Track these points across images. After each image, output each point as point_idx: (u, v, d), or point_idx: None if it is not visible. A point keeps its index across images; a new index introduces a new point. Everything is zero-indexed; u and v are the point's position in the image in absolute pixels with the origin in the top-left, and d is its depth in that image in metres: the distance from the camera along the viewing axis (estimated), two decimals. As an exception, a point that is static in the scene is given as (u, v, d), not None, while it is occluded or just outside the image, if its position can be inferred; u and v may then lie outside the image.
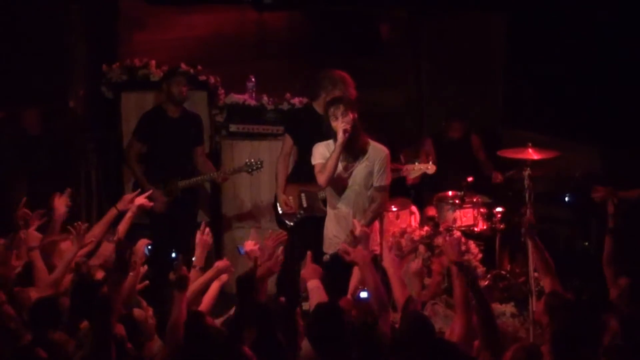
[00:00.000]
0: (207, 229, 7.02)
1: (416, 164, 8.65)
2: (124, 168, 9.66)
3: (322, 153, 7.67)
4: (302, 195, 8.55)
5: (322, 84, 8.50)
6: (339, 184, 7.69)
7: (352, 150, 7.62)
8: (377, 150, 7.67)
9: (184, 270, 6.03)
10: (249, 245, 6.88)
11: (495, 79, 10.79)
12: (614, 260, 6.99)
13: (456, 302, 6.21)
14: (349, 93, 8.24)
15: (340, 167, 7.61)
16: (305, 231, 8.40)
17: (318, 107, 8.49)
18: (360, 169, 7.65)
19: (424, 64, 11.22)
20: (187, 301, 6.04)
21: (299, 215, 8.54)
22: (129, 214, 7.67)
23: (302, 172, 8.48)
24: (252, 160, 8.82)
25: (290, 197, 8.60)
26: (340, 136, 7.44)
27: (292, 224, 8.55)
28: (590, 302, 6.75)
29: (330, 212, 7.88)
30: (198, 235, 6.97)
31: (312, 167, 7.87)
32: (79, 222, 7.09)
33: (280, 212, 8.67)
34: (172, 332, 5.83)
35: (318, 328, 5.69)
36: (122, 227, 7.51)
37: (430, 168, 8.60)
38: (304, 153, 8.34)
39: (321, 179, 7.62)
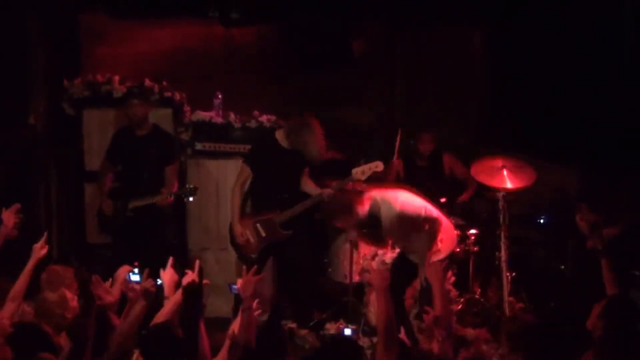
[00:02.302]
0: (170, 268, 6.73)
1: (362, 164, 8.48)
2: (85, 186, 9.48)
3: None
4: (258, 225, 8.55)
5: (292, 129, 8.45)
6: None
7: None
8: None
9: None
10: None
11: (472, 97, 10.65)
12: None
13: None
14: (319, 145, 8.36)
15: None
16: (271, 256, 8.55)
17: (280, 138, 8.50)
18: None
19: (398, 82, 11.06)
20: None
21: (260, 246, 8.54)
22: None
23: (259, 203, 8.57)
24: (190, 186, 8.72)
25: (247, 231, 8.56)
26: None
27: (254, 255, 8.53)
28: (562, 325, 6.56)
29: None
30: (166, 271, 6.65)
31: (267, 197, 8.38)
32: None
33: (239, 247, 8.65)
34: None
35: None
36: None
37: (379, 166, 8.44)
38: (259, 184, 8.51)
39: None
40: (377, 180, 9.50)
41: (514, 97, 10.14)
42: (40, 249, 6.98)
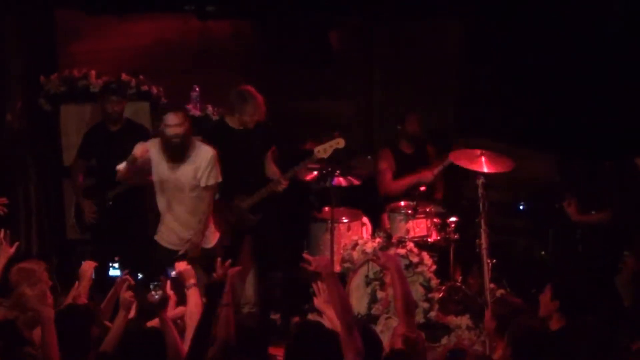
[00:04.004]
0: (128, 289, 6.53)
1: (324, 142, 8.44)
2: (65, 182, 9.42)
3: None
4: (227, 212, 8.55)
5: (232, 101, 8.51)
6: (166, 186, 7.93)
7: (177, 153, 7.80)
8: (203, 152, 7.89)
9: (167, 291, 5.96)
10: (181, 265, 6.58)
11: (449, 87, 10.65)
12: None
13: (396, 308, 6.03)
14: (260, 109, 8.42)
15: (166, 167, 7.85)
16: (247, 245, 8.65)
17: (231, 122, 8.56)
18: (186, 170, 7.84)
19: (376, 74, 11.06)
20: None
21: (232, 234, 8.55)
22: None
23: (225, 190, 8.48)
24: None
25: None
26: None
27: (228, 243, 8.50)
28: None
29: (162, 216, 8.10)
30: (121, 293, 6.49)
31: (234, 181, 8.31)
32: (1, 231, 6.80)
33: None
34: (173, 353, 5.63)
35: None
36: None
37: (340, 142, 8.41)
38: (224, 170, 8.38)
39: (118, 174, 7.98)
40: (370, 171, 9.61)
41: (493, 86, 10.14)
42: (7, 249, 6.89)
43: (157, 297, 5.90)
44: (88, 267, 6.74)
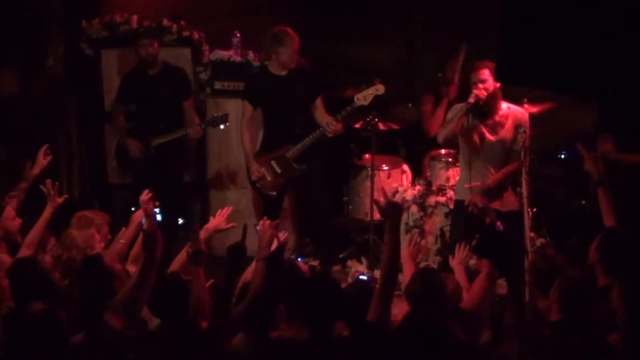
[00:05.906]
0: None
1: (363, 89, 8.41)
2: (105, 127, 9.48)
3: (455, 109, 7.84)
4: (273, 162, 8.56)
5: (268, 44, 8.48)
6: (489, 147, 7.76)
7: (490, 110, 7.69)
8: (518, 113, 7.80)
9: (200, 244, 5.76)
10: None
11: (491, 33, 10.53)
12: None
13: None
14: (294, 49, 8.34)
15: (485, 132, 7.70)
16: (290, 193, 8.75)
17: (273, 68, 8.52)
18: (505, 133, 7.74)
19: (416, 20, 10.96)
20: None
21: (277, 183, 8.59)
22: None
23: (270, 139, 8.57)
24: (219, 114, 8.71)
25: (263, 169, 8.56)
26: (470, 100, 7.58)
27: (274, 193, 8.60)
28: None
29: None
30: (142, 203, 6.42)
31: (279, 132, 8.42)
32: (49, 181, 6.88)
33: (258, 186, 8.66)
34: (195, 309, 5.55)
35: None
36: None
37: (380, 89, 8.38)
38: (267, 118, 8.54)
39: (440, 134, 7.79)
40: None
41: (535, 31, 10.04)
42: (56, 199, 6.97)
43: (190, 250, 5.79)
44: (139, 216, 6.77)
